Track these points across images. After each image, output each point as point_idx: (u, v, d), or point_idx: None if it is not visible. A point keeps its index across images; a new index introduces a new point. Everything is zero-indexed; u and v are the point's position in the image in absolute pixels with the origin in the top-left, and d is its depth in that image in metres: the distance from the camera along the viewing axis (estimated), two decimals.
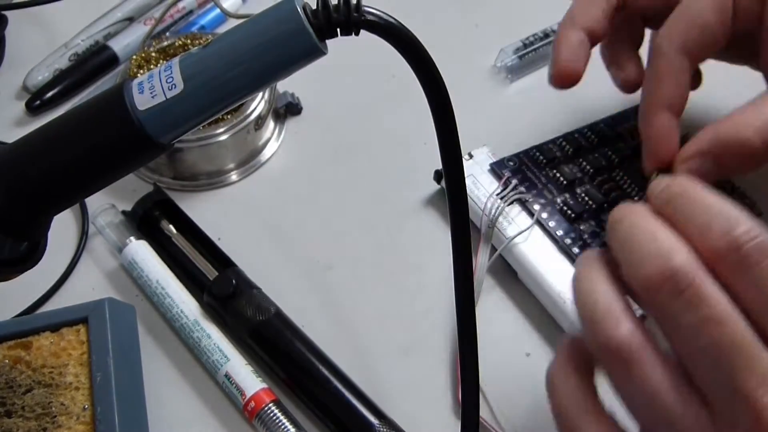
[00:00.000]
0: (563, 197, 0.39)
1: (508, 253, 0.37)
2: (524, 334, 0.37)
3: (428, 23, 0.52)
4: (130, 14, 0.51)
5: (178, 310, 0.36)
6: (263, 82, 0.23)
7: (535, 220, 0.38)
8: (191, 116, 0.23)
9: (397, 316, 0.38)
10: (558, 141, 0.41)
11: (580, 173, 0.40)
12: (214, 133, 0.41)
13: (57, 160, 0.24)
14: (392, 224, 0.41)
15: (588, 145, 0.41)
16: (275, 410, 0.33)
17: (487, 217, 0.38)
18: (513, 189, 0.39)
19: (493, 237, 0.38)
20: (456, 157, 0.25)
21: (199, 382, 0.35)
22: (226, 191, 0.43)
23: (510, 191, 0.38)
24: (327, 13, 0.22)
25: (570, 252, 0.37)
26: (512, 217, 0.38)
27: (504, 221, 0.38)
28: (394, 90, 0.47)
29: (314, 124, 0.46)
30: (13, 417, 0.30)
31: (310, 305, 0.38)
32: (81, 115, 0.24)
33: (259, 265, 0.38)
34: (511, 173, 0.40)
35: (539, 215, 0.38)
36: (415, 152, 0.43)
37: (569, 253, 0.37)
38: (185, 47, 0.45)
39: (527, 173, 0.40)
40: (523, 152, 0.41)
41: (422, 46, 0.23)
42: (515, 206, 0.38)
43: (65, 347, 0.32)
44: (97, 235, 0.40)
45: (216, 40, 0.23)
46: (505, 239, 0.37)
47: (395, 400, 0.34)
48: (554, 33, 0.48)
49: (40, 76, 0.47)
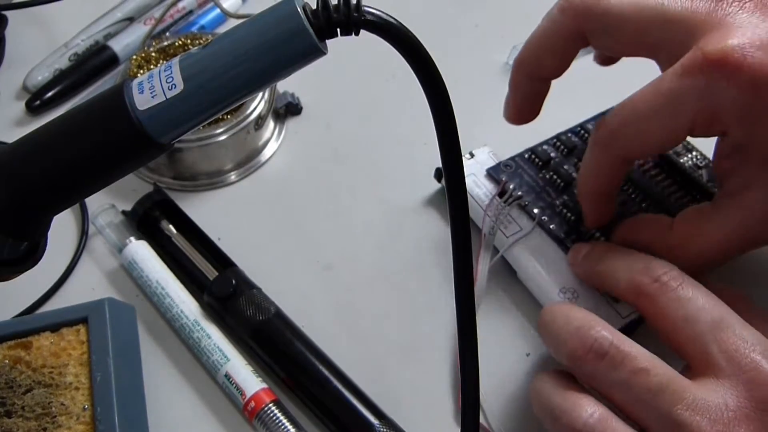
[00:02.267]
0: (562, 199, 0.39)
1: (509, 254, 0.37)
2: (524, 334, 0.37)
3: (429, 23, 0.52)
4: (130, 14, 0.51)
5: (178, 310, 0.36)
6: (263, 82, 0.23)
7: (536, 222, 0.38)
8: (191, 116, 0.23)
9: (397, 316, 0.38)
10: (552, 142, 0.41)
11: (576, 173, 0.40)
12: (214, 133, 0.41)
13: (57, 160, 0.23)
14: (392, 224, 0.41)
15: (582, 144, 0.41)
16: (275, 410, 0.33)
17: (489, 218, 0.38)
18: (510, 195, 0.38)
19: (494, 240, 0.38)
20: (456, 157, 0.25)
21: (199, 382, 0.35)
22: (226, 191, 0.43)
23: (508, 197, 0.38)
24: (327, 13, 0.22)
25: None
26: (513, 218, 0.38)
27: (505, 223, 0.38)
28: (394, 90, 0.47)
29: (314, 124, 0.46)
30: (13, 417, 0.30)
31: (310, 305, 0.38)
32: (81, 115, 0.24)
33: (259, 265, 0.38)
34: (509, 178, 0.39)
35: (540, 218, 0.38)
36: (415, 152, 0.43)
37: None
38: (185, 47, 0.45)
39: (524, 176, 0.40)
40: (518, 155, 0.41)
41: (422, 46, 0.23)
42: (515, 209, 0.38)
43: (65, 347, 0.32)
44: (97, 235, 0.40)
45: (216, 40, 0.23)
46: (507, 242, 0.37)
47: (395, 401, 0.34)
48: None
49: (40, 76, 0.47)
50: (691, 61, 0.29)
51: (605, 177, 0.34)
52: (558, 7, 0.33)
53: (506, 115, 0.37)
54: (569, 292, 0.35)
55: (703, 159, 0.40)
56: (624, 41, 0.32)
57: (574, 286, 0.36)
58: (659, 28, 0.30)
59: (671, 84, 0.29)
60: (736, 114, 0.29)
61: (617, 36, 0.32)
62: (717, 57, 0.28)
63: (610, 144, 0.32)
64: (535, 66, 0.34)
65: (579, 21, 0.32)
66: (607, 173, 0.33)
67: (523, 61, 0.35)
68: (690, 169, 0.40)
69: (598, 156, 0.33)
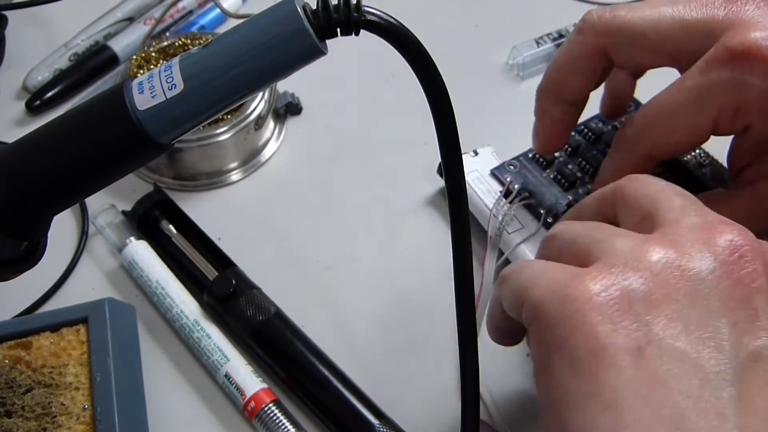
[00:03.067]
0: (567, 199, 0.39)
1: (513, 255, 0.37)
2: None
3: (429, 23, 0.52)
4: (130, 14, 0.51)
5: (178, 310, 0.36)
6: (263, 83, 0.23)
7: (541, 223, 0.38)
8: (191, 116, 0.23)
9: (397, 316, 0.38)
10: None
11: (581, 173, 0.40)
12: (214, 133, 0.41)
13: (57, 160, 0.24)
14: (392, 224, 0.41)
15: (586, 143, 0.41)
16: (275, 410, 0.33)
17: (495, 218, 0.38)
18: (517, 195, 0.38)
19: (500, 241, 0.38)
20: (456, 157, 0.25)
21: (199, 382, 0.35)
22: (226, 191, 0.43)
23: (514, 197, 0.38)
24: (327, 13, 0.22)
25: None
26: (519, 220, 0.38)
27: (511, 224, 0.38)
28: (394, 90, 0.47)
29: (314, 124, 0.46)
30: (13, 417, 0.30)
31: (310, 305, 0.38)
32: (81, 115, 0.24)
33: (259, 265, 0.38)
34: (513, 177, 0.40)
35: (545, 218, 0.38)
36: (415, 152, 0.43)
37: None
38: (185, 47, 0.45)
39: (528, 176, 0.40)
40: (522, 155, 0.41)
41: (422, 46, 0.23)
42: (521, 210, 0.38)
43: (65, 347, 0.32)
44: (97, 235, 0.40)
45: (216, 40, 0.23)
46: (513, 243, 0.37)
47: (395, 400, 0.34)
48: (568, 33, 0.48)
49: (40, 76, 0.47)
50: (714, 56, 0.29)
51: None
52: (577, 30, 0.33)
53: (535, 146, 0.37)
54: None
55: (707, 157, 0.40)
56: (645, 53, 0.32)
57: None
58: (678, 36, 0.31)
59: (695, 80, 0.30)
60: (761, 105, 0.29)
61: (638, 49, 0.32)
62: (740, 49, 0.28)
63: (637, 142, 0.32)
64: (561, 89, 0.34)
65: (599, 39, 0.32)
66: (630, 172, 0.33)
67: (547, 87, 0.35)
68: (693, 167, 0.40)
69: (624, 154, 0.33)
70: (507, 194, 0.39)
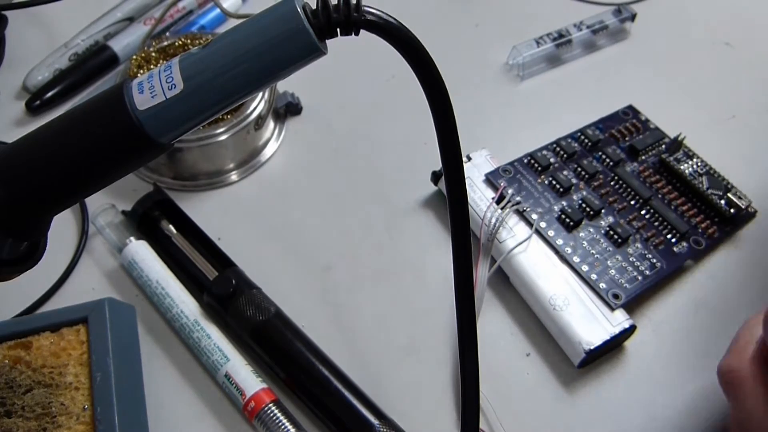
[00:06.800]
0: (560, 205, 0.39)
1: (505, 262, 0.37)
2: (524, 335, 0.37)
3: (429, 23, 0.52)
4: (130, 14, 0.51)
5: (178, 310, 0.36)
6: (263, 82, 0.23)
7: (534, 230, 0.38)
8: (191, 116, 0.23)
9: (397, 316, 0.38)
10: (551, 147, 0.41)
11: (576, 179, 0.40)
12: (214, 133, 0.41)
13: (57, 160, 0.23)
14: (392, 224, 0.41)
15: (581, 149, 0.41)
16: (275, 410, 0.33)
17: (486, 227, 0.38)
18: (509, 200, 0.38)
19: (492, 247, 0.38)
20: (456, 157, 0.25)
21: (199, 382, 0.35)
22: (226, 191, 0.43)
23: (507, 202, 0.38)
24: (327, 13, 0.22)
25: (570, 261, 0.37)
26: (511, 226, 0.38)
27: (503, 231, 0.38)
28: (394, 90, 0.47)
29: (314, 124, 0.46)
30: (13, 417, 0.30)
31: (310, 305, 0.38)
32: (81, 115, 0.24)
33: (259, 265, 0.38)
34: (507, 183, 0.39)
35: (537, 225, 0.38)
36: (415, 152, 0.43)
37: (569, 262, 0.37)
38: (185, 47, 0.45)
39: (523, 182, 0.40)
40: (517, 160, 0.41)
41: (422, 46, 0.23)
42: (513, 215, 0.38)
43: (65, 347, 0.32)
44: (97, 235, 0.40)
45: (216, 40, 0.23)
46: (504, 249, 0.37)
47: (395, 401, 0.34)
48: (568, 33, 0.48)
49: (40, 76, 0.47)
50: None
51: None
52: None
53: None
54: (560, 299, 0.35)
55: (704, 166, 0.40)
56: None
57: (565, 293, 0.36)
58: None
59: None
60: None
61: None
62: None
63: None
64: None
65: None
66: None
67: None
68: (690, 176, 0.40)
69: None
70: (500, 200, 0.39)
